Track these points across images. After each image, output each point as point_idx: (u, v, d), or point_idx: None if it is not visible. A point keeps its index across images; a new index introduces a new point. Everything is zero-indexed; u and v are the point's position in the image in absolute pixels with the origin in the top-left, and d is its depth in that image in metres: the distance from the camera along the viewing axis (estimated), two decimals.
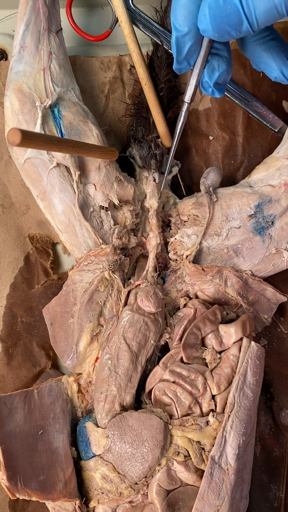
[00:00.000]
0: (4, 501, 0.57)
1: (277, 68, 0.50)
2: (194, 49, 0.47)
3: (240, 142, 0.65)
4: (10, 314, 0.61)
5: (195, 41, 0.46)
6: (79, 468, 0.53)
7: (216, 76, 0.49)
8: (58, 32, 0.57)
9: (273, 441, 0.60)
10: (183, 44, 0.46)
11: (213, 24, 0.42)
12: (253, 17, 0.41)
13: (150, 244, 0.60)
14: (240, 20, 0.41)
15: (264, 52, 0.49)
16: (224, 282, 0.57)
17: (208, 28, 0.43)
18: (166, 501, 0.50)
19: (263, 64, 0.50)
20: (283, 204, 0.57)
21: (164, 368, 0.54)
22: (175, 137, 0.56)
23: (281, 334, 0.63)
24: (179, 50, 0.47)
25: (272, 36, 0.49)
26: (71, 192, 0.56)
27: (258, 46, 0.49)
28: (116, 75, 0.65)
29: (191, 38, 0.46)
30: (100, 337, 0.56)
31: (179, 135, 0.56)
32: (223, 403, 0.52)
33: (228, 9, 0.41)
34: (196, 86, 0.50)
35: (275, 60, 0.49)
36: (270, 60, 0.50)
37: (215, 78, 0.49)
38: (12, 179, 0.62)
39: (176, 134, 0.56)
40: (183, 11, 0.44)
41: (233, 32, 0.43)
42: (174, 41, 0.47)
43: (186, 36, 0.46)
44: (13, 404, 0.53)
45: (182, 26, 0.45)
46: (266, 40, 0.49)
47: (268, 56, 0.49)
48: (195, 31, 0.45)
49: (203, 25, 0.43)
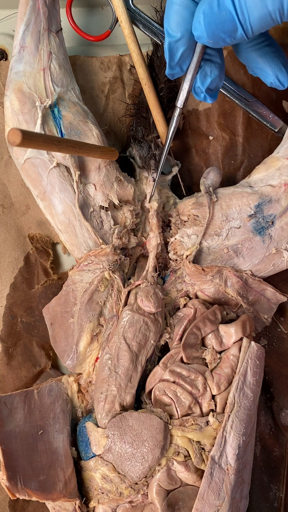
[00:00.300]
0: (4, 501, 0.57)
1: (273, 73, 0.50)
2: (186, 54, 0.47)
3: (240, 142, 0.65)
4: (10, 314, 0.61)
5: (188, 47, 0.46)
6: (79, 468, 0.53)
7: (208, 82, 0.49)
8: (58, 32, 0.57)
9: (273, 441, 0.60)
10: (175, 49, 0.46)
11: (208, 30, 0.43)
12: (248, 24, 0.41)
13: (150, 244, 0.60)
14: (234, 27, 0.42)
15: (259, 58, 0.50)
16: (224, 282, 0.57)
17: (203, 35, 0.43)
18: (166, 501, 0.50)
19: (259, 70, 0.50)
20: (283, 204, 0.57)
21: (164, 368, 0.54)
22: (167, 141, 0.56)
23: (281, 334, 0.63)
24: (171, 56, 0.47)
25: (267, 42, 0.50)
26: (71, 192, 0.56)
27: (253, 52, 0.50)
28: (116, 75, 0.65)
29: (183, 44, 0.46)
30: (100, 337, 0.56)
31: (171, 139, 0.56)
32: (223, 403, 0.52)
33: (223, 16, 0.41)
34: (188, 91, 0.51)
35: (271, 65, 0.50)
36: (265, 66, 0.50)
37: (207, 83, 0.49)
38: (12, 179, 0.62)
39: (168, 138, 0.56)
40: (176, 17, 0.45)
41: (228, 38, 0.43)
42: (166, 46, 0.47)
43: (179, 41, 0.46)
44: (13, 404, 0.53)
45: (175, 32, 0.45)
46: (261, 46, 0.49)
47: (263, 62, 0.50)
48: (188, 37, 0.45)
49: (198, 31, 0.43)
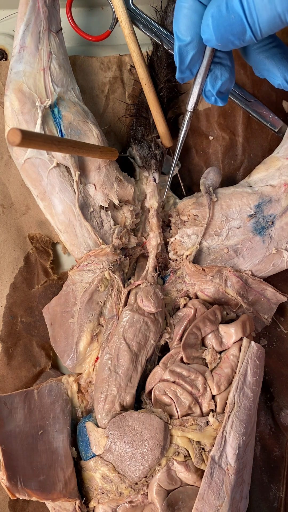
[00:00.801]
0: (4, 501, 0.57)
1: (281, 75, 0.49)
2: (196, 58, 0.47)
3: (240, 142, 0.65)
4: (10, 314, 0.61)
5: (198, 50, 0.46)
6: (79, 468, 0.53)
7: (219, 85, 0.49)
8: (58, 32, 0.57)
9: (273, 441, 0.60)
10: (185, 53, 0.46)
11: (217, 33, 0.42)
12: (257, 26, 0.41)
13: (150, 244, 0.59)
14: (243, 29, 0.41)
15: (267, 59, 0.49)
16: (224, 282, 0.57)
17: (212, 38, 0.43)
18: (166, 501, 0.50)
19: (266, 71, 0.50)
20: (283, 204, 0.57)
21: (164, 368, 0.54)
22: (178, 144, 0.56)
23: (281, 334, 0.63)
24: (181, 60, 0.47)
25: (275, 43, 0.49)
26: (71, 192, 0.56)
27: (261, 54, 0.49)
28: (116, 75, 0.65)
29: (193, 47, 0.46)
30: (100, 337, 0.56)
31: (182, 143, 0.56)
32: (223, 403, 0.52)
33: (231, 19, 0.41)
34: (199, 94, 0.50)
35: (279, 67, 0.49)
36: (273, 67, 0.49)
37: (217, 87, 0.49)
38: (12, 179, 0.62)
39: (179, 143, 0.56)
40: (186, 20, 0.44)
41: (237, 41, 0.43)
42: (176, 50, 0.46)
43: (189, 45, 0.46)
44: (13, 404, 0.53)
45: (185, 35, 0.45)
46: (269, 48, 0.49)
47: (271, 63, 0.49)
48: (198, 41, 0.45)
49: (207, 34, 0.43)
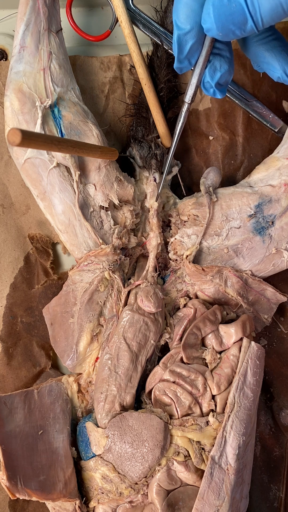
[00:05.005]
0: (4, 501, 0.57)
1: (280, 68, 0.49)
2: (195, 48, 0.46)
3: (240, 142, 0.65)
4: (10, 314, 0.61)
5: (197, 40, 0.45)
6: (79, 468, 0.53)
7: (218, 77, 0.48)
8: (58, 32, 0.57)
9: (273, 441, 0.60)
10: (184, 42, 0.46)
11: (218, 23, 0.42)
12: (258, 16, 0.41)
13: (150, 244, 0.59)
14: (244, 18, 0.41)
15: (267, 52, 0.49)
16: (224, 282, 0.57)
17: (213, 27, 0.42)
18: (166, 501, 0.50)
19: (266, 64, 0.50)
20: (283, 204, 0.57)
21: (164, 368, 0.54)
22: (175, 137, 0.56)
23: (281, 334, 0.63)
24: (180, 49, 0.46)
25: (274, 36, 0.49)
26: (71, 192, 0.56)
27: (261, 46, 0.49)
28: (116, 75, 0.65)
29: (193, 36, 0.45)
30: (100, 337, 0.56)
31: (179, 135, 0.55)
32: (223, 403, 0.52)
33: (233, 8, 0.41)
34: (197, 86, 0.50)
35: (278, 60, 0.49)
36: (273, 60, 0.49)
37: (216, 78, 0.48)
38: (12, 179, 0.62)
39: (176, 134, 0.55)
40: (185, 9, 0.44)
41: (238, 31, 0.42)
42: (175, 39, 0.46)
43: (188, 34, 0.45)
44: (13, 404, 0.53)
45: (184, 24, 0.44)
46: (268, 40, 0.49)
47: (271, 56, 0.49)
48: (197, 30, 0.45)
49: (207, 24, 0.42)
